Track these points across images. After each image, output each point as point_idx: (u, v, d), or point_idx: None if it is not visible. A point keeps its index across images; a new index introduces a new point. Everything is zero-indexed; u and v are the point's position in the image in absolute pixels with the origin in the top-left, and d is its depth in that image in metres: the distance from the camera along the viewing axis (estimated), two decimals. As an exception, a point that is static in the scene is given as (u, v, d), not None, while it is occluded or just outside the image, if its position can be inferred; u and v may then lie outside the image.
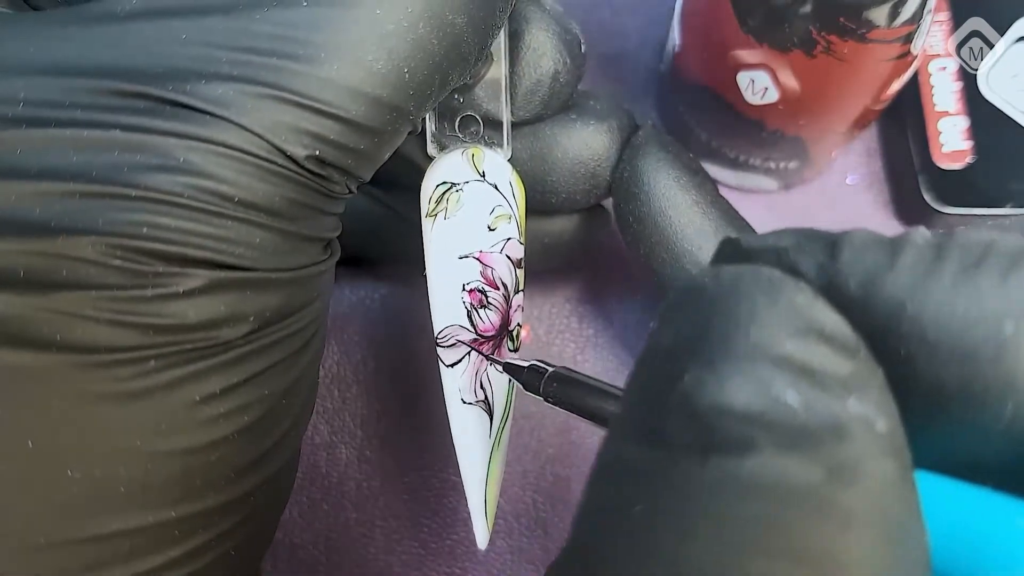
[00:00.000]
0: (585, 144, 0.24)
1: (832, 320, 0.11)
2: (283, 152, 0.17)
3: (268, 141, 0.17)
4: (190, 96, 0.16)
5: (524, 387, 0.21)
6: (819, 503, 0.10)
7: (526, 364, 0.21)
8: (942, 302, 0.11)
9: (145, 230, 0.16)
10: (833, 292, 0.12)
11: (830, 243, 0.12)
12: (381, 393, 0.30)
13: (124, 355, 0.16)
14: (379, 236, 0.27)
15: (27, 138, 0.16)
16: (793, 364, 0.10)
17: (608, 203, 0.27)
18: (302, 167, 0.17)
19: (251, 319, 0.18)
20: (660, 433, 0.11)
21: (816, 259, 0.12)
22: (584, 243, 0.27)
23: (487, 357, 0.23)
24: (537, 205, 0.25)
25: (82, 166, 0.16)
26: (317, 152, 0.17)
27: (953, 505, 0.11)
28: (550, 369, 0.21)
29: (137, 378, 0.16)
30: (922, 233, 0.12)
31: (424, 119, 0.22)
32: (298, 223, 0.18)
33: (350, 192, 0.19)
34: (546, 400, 0.21)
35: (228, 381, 0.18)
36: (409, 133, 0.19)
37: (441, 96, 0.19)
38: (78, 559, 0.16)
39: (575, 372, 0.20)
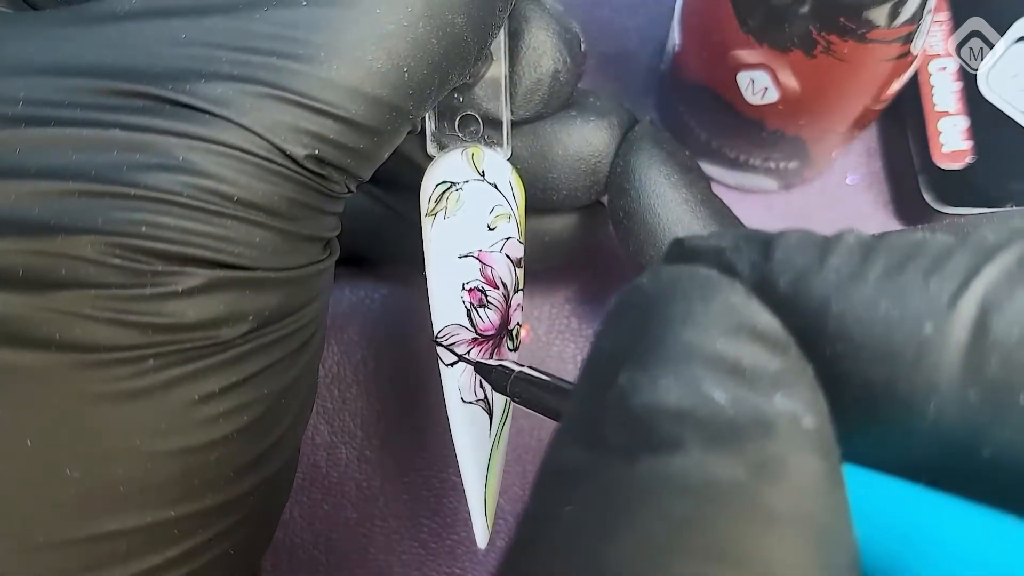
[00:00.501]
0: (585, 141, 0.24)
1: (764, 319, 0.11)
2: (283, 151, 0.17)
3: (268, 140, 0.17)
4: (190, 95, 0.16)
5: (493, 387, 0.21)
6: (743, 501, 0.10)
7: (494, 364, 0.21)
8: (865, 303, 0.11)
9: (144, 229, 0.16)
10: (765, 291, 0.12)
11: (765, 242, 0.12)
12: (381, 393, 0.30)
13: (123, 354, 0.16)
14: (379, 235, 0.27)
15: (26, 137, 0.16)
16: (723, 362, 0.11)
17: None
18: (302, 166, 0.17)
19: (250, 318, 0.18)
20: (596, 435, 0.11)
21: (750, 258, 0.12)
22: (584, 241, 0.27)
23: (461, 358, 0.23)
24: (538, 203, 0.25)
25: (81, 165, 0.16)
26: (317, 151, 0.17)
27: (883, 500, 0.11)
28: (516, 370, 0.21)
29: (136, 377, 0.16)
30: (854, 234, 0.12)
31: (424, 118, 0.22)
32: (298, 222, 0.18)
33: (349, 191, 0.19)
34: (513, 400, 0.21)
35: (227, 380, 0.18)
36: (409, 133, 0.19)
37: (441, 95, 0.19)
38: (76, 559, 0.16)
39: (543, 373, 0.20)
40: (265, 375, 0.18)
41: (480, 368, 0.22)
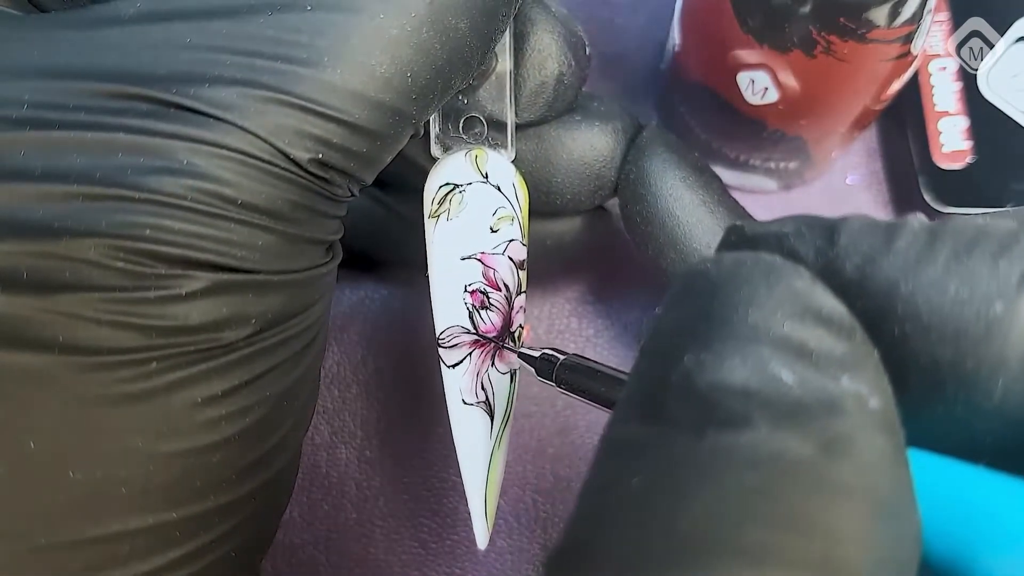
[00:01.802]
0: (590, 145, 0.24)
1: (829, 302, 0.11)
2: (286, 155, 0.17)
3: (271, 144, 0.17)
4: (194, 99, 0.16)
5: (537, 373, 0.22)
6: (812, 475, 0.10)
7: (537, 353, 0.22)
8: (935, 283, 0.11)
9: (148, 232, 0.16)
10: (830, 275, 0.12)
11: (828, 228, 0.12)
12: (381, 393, 0.30)
13: (126, 357, 0.16)
14: (382, 238, 0.27)
15: (31, 140, 0.16)
16: (790, 345, 0.11)
17: (610, 204, 0.27)
18: (305, 170, 0.17)
19: (253, 321, 0.18)
20: (661, 411, 0.11)
21: (815, 244, 0.12)
22: (587, 245, 0.27)
23: (496, 341, 0.23)
24: (542, 207, 0.25)
25: (85, 168, 0.16)
26: (320, 155, 0.17)
27: (946, 482, 0.11)
28: (562, 357, 0.21)
29: (139, 380, 0.16)
30: (918, 218, 0.12)
31: (428, 121, 0.22)
32: (300, 226, 0.18)
33: (352, 195, 0.19)
34: (558, 387, 0.21)
35: (230, 383, 0.18)
36: (412, 137, 0.19)
37: (444, 100, 0.20)
38: (78, 560, 0.16)
39: (586, 359, 0.21)
40: (268, 377, 0.18)
41: (523, 356, 0.22)
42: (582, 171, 0.24)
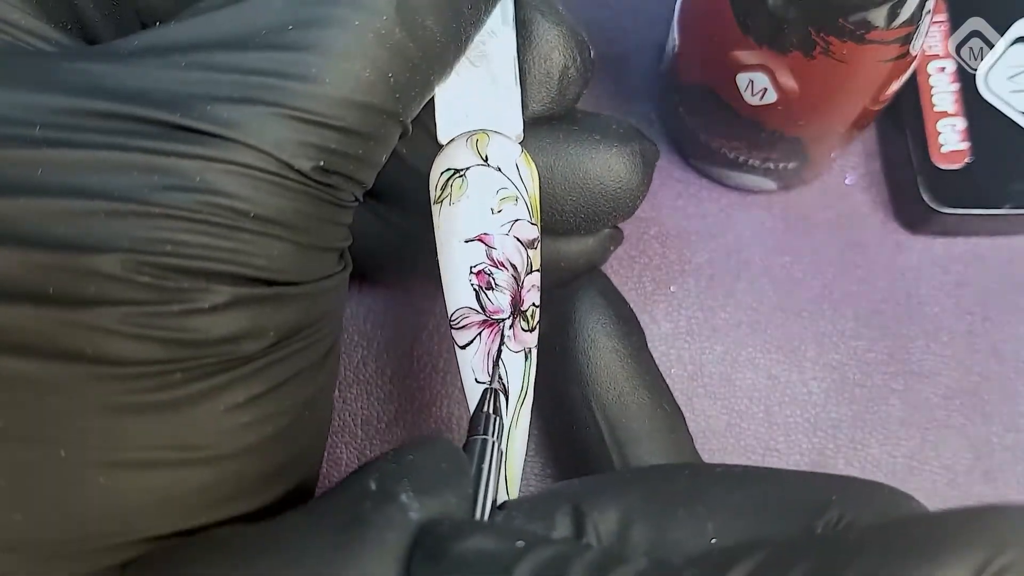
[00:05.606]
0: (607, 166, 0.25)
1: None
2: (290, 166, 0.17)
3: (276, 157, 0.17)
4: (198, 120, 0.17)
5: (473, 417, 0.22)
6: None
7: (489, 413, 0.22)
8: None
9: (168, 247, 0.16)
10: None
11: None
12: (381, 393, 0.30)
13: (151, 368, 0.16)
14: (380, 249, 0.27)
15: (47, 158, 0.16)
16: None
17: (623, 225, 0.27)
18: (310, 178, 0.18)
19: (272, 332, 0.18)
20: None
21: None
22: (599, 264, 0.28)
23: (503, 321, 0.23)
24: (556, 225, 0.25)
25: (102, 186, 0.16)
26: (321, 162, 0.18)
27: None
28: (492, 440, 0.21)
29: (163, 390, 0.17)
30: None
31: (433, 111, 0.23)
32: (311, 234, 0.19)
33: (356, 200, 0.20)
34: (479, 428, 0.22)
35: (251, 392, 0.18)
36: (402, 135, 0.20)
37: (427, 96, 0.20)
38: (104, 567, 0.17)
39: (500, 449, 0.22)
40: (288, 386, 0.19)
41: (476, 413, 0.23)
42: (598, 191, 0.25)
